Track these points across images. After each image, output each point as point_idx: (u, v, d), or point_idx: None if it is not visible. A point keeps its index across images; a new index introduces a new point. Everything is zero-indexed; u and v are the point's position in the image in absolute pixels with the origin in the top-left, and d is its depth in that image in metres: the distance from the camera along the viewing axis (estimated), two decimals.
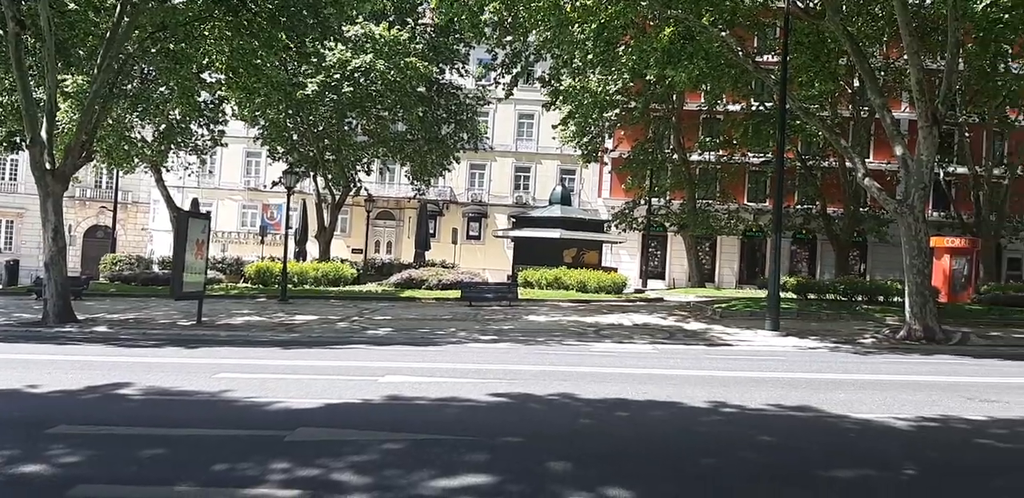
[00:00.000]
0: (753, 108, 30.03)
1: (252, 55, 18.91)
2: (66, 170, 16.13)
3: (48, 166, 15.72)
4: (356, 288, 25.27)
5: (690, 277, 35.59)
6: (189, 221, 15.87)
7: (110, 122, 24.45)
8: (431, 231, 39.01)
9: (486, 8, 18.86)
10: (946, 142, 33.54)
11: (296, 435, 5.87)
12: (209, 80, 23.37)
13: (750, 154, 33.59)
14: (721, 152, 33.89)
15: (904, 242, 16.06)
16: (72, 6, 16.97)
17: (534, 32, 22.07)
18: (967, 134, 33.17)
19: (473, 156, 38.35)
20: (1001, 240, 33.71)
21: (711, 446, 5.93)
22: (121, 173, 32.70)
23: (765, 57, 25.02)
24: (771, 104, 27.04)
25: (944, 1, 16.15)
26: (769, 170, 31.40)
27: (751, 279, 37.04)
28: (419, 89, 28.05)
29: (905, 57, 18.42)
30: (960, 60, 20.02)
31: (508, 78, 22.58)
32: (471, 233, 42.37)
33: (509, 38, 22.45)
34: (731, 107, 31.04)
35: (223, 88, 24.91)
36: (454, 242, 37.07)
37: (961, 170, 33.79)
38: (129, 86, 22.78)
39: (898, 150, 16.43)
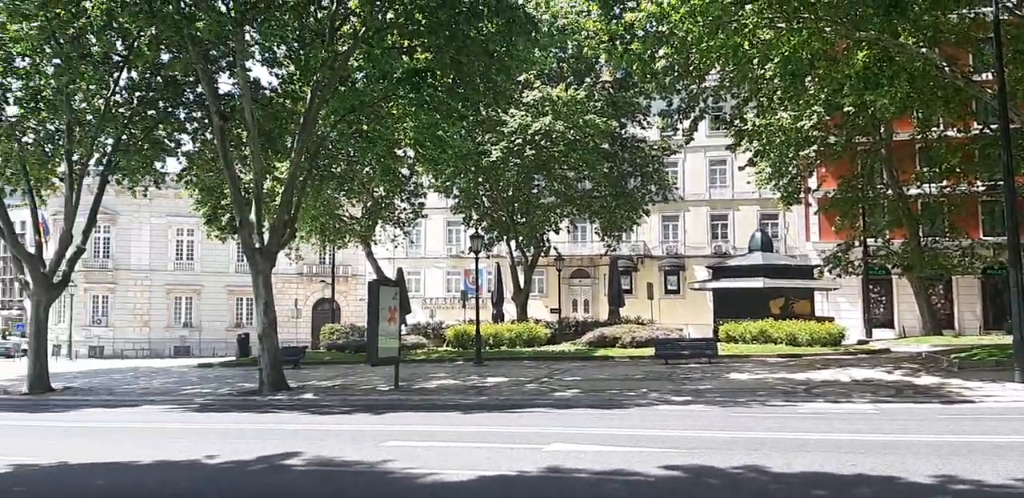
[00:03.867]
0: (976, 131, 26.66)
1: (435, 128, 19.77)
2: (272, 248, 17.52)
3: (256, 245, 17.17)
4: (549, 348, 24.97)
5: (923, 324, 31.59)
6: (380, 290, 16.47)
7: (322, 203, 26.64)
8: (626, 287, 38.18)
9: (658, 56, 18.46)
10: None
11: None
12: (402, 155, 24.81)
13: (979, 182, 29.72)
14: (944, 183, 30.29)
15: None
16: (273, 98, 18.80)
17: (712, 72, 21.28)
18: None
19: (664, 208, 37.36)
20: None
21: None
22: (335, 249, 35.38)
23: (985, 75, 22.23)
24: (995, 125, 23.85)
25: None
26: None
27: (998, 323, 32.13)
28: (602, 145, 27.96)
29: None
30: None
31: (687, 123, 21.85)
32: (668, 287, 40.93)
33: (685, 83, 21.81)
34: (949, 132, 27.81)
35: (415, 162, 26.45)
36: (650, 297, 35.88)
37: None
38: (337, 169, 24.74)
39: None
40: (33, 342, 19.00)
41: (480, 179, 28.29)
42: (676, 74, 20.96)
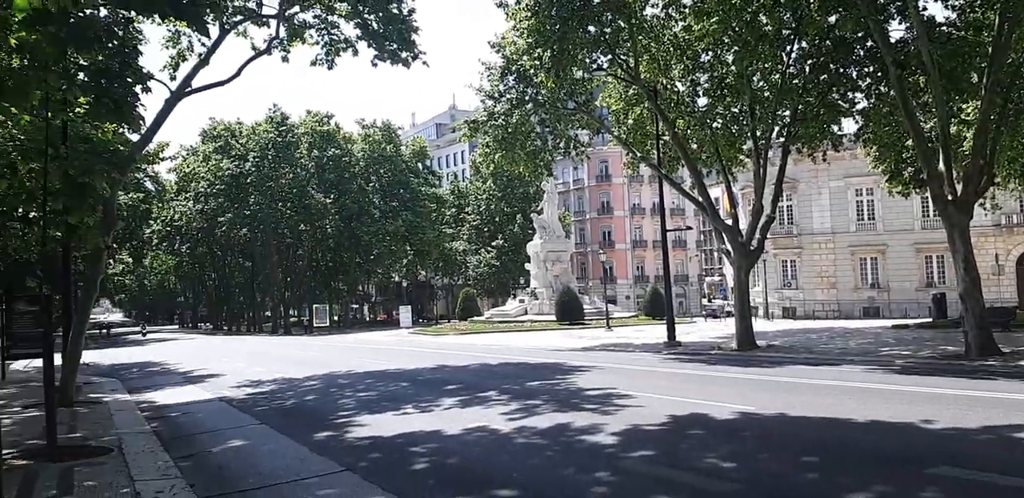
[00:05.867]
0: None
1: None
2: (968, 199, 15.82)
3: (949, 197, 15.74)
4: None
5: None
6: None
7: (1020, 141, 22.90)
8: None
9: None
10: None
11: None
12: None
13: None
14: None
15: None
16: (951, 33, 16.87)
17: None
18: None
19: None
20: None
21: None
22: None
23: None
24: None
25: None
26: None
27: None
28: None
29: None
30: None
31: None
32: None
33: None
34: None
35: None
36: None
37: None
38: None
39: None
40: (737, 304, 21.27)
41: None
42: None
